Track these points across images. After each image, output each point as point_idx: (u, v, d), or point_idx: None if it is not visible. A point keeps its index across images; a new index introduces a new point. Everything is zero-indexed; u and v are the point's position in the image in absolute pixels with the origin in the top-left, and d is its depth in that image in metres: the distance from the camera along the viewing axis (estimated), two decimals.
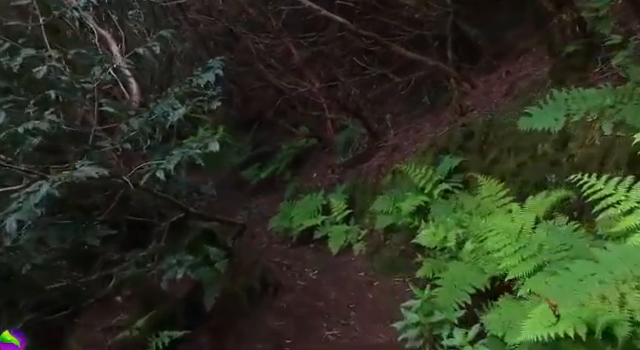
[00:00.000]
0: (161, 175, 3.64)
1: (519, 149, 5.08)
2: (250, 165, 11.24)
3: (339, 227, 7.65)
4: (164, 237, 4.37)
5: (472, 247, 4.57)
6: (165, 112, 4.03)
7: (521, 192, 4.94)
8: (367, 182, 7.80)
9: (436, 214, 5.47)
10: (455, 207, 5.35)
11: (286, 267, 7.52)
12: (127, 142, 3.89)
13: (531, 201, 4.38)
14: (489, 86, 6.71)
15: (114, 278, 3.92)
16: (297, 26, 10.08)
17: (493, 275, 4.19)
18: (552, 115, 3.59)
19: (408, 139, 7.65)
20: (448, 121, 6.83)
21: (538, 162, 4.75)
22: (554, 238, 3.46)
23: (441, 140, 6.41)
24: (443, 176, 6.07)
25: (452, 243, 4.64)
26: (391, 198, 6.66)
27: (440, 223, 5.00)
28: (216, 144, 3.95)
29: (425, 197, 5.96)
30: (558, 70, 5.13)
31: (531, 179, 4.81)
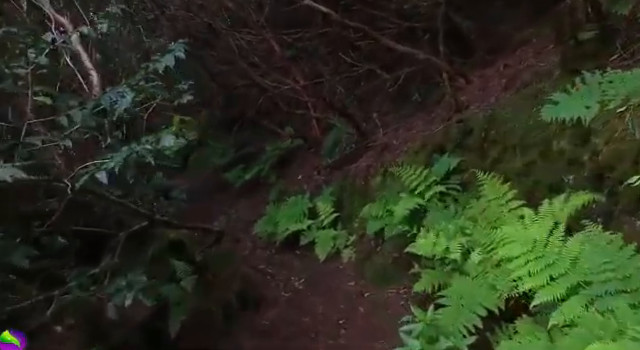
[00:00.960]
0: (102, 177, 2.79)
1: (527, 146, 4.31)
2: (233, 167, 10.36)
3: (326, 232, 6.84)
4: (118, 251, 3.52)
5: (479, 258, 3.79)
6: (113, 101, 3.17)
7: (531, 195, 4.17)
8: (355, 184, 6.99)
9: (434, 220, 4.68)
10: (456, 212, 4.56)
11: (270, 276, 6.68)
12: (68, 138, 3.02)
13: (548, 206, 3.60)
14: (485, 80, 5.95)
15: (54, 303, 3.06)
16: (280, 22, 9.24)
17: (507, 292, 3.41)
18: (583, 102, 2.82)
19: (398, 138, 6.86)
20: (442, 118, 6.05)
21: (552, 160, 3.99)
22: (594, 254, 2.67)
23: (436, 138, 5.63)
24: (439, 177, 5.28)
25: (456, 255, 3.85)
26: (382, 202, 5.86)
27: (440, 231, 4.20)
28: (170, 138, 3.10)
29: (420, 200, 5.16)
30: (569, 59, 4.37)
31: (543, 180, 4.04)
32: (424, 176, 5.36)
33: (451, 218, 4.47)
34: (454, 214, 4.52)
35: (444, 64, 6.27)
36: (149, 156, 2.93)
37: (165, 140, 3.03)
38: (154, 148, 3.01)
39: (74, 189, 2.88)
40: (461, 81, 6.14)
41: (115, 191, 3.61)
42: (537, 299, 2.74)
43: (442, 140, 5.51)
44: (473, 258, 3.78)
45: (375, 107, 8.21)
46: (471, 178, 5.07)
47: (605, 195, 3.35)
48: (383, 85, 7.69)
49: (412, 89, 7.41)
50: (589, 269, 2.59)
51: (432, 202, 5.18)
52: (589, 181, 3.54)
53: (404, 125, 7.09)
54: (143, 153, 2.91)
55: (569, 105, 2.86)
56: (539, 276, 2.89)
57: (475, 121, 5.12)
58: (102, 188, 3.62)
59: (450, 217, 4.64)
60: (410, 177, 5.43)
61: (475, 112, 5.24)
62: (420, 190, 5.29)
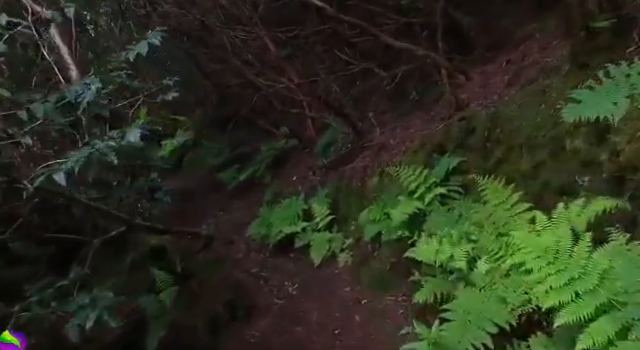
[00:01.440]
0: (60, 178, 2.37)
1: (535, 146, 3.91)
2: (228, 167, 9.94)
3: (321, 235, 6.42)
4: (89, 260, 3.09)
5: (487, 267, 3.38)
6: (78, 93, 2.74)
7: (540, 198, 3.78)
8: (351, 185, 6.58)
9: (435, 225, 4.27)
10: (460, 216, 4.15)
11: (263, 280, 6.27)
12: (27, 134, 2.60)
13: (563, 211, 3.20)
14: (486, 77, 5.55)
15: (12, 319, 2.63)
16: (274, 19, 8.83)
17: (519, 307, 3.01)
18: (609, 98, 2.43)
19: (395, 138, 6.45)
20: (441, 117, 5.64)
21: (563, 161, 3.59)
22: (628, 270, 2.26)
23: (435, 137, 5.22)
24: (439, 178, 4.88)
25: (462, 263, 3.44)
26: (379, 205, 5.45)
27: (443, 237, 3.79)
28: (136, 133, 2.66)
29: (419, 203, 4.75)
30: (579, 53, 3.96)
31: (553, 182, 3.64)
32: (423, 177, 4.96)
33: (454, 223, 4.06)
34: (457, 218, 4.11)
35: (443, 60, 5.87)
36: (111, 154, 2.50)
37: (130, 135, 2.60)
38: (118, 145, 2.57)
39: (36, 190, 2.45)
40: (461, 78, 5.74)
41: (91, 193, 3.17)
42: (561, 318, 2.33)
43: (442, 139, 5.10)
44: (480, 267, 3.38)
45: (371, 106, 7.80)
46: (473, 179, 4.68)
47: (627, 199, 2.94)
48: (380, 83, 7.28)
49: (409, 87, 7.01)
50: (622, 288, 2.19)
51: (432, 205, 4.78)
52: (608, 183, 3.15)
53: (401, 124, 6.68)
54: (105, 151, 2.48)
55: (594, 102, 2.47)
56: (562, 292, 2.49)
57: (477, 119, 4.72)
58: (77, 190, 3.18)
59: (453, 222, 4.23)
60: (409, 179, 5.03)
61: (477, 110, 4.84)
62: (419, 193, 4.88)
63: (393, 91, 7.25)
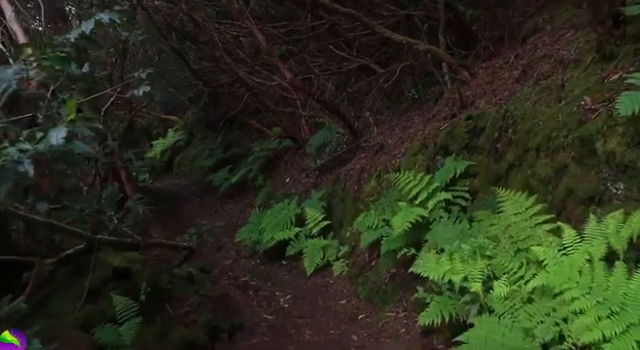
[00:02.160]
0: None
1: (556, 148, 3.33)
2: (220, 168, 9.35)
3: (315, 241, 5.83)
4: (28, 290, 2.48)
5: (506, 290, 2.78)
6: None
7: (562, 208, 3.19)
8: (347, 188, 5.99)
9: (441, 236, 3.68)
10: (470, 227, 3.55)
11: (253, 290, 5.67)
12: None
13: (596, 224, 2.62)
14: (492, 73, 4.96)
15: None
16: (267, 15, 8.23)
17: (549, 342, 2.43)
18: None
19: (394, 138, 5.86)
20: (444, 115, 5.05)
21: (591, 165, 3.01)
22: None
23: (439, 138, 4.63)
24: (443, 183, 4.29)
25: (477, 286, 2.85)
26: (377, 211, 4.86)
27: (454, 252, 3.20)
28: (61, 133, 2.02)
29: (422, 210, 4.16)
30: (605, 43, 3.38)
31: (579, 190, 3.06)
32: (426, 182, 4.37)
33: (464, 235, 3.46)
34: (468, 230, 3.51)
35: (446, 55, 5.28)
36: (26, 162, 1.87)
37: (53, 137, 1.96)
38: (34, 149, 1.94)
39: None
40: (465, 74, 5.15)
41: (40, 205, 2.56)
42: None
43: (446, 140, 4.51)
44: (498, 290, 2.79)
45: (368, 104, 7.22)
46: (482, 184, 4.10)
47: None
48: (377, 81, 6.69)
49: (408, 85, 6.43)
50: None
51: (436, 212, 4.19)
52: None
53: (400, 124, 6.10)
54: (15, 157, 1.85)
55: None
56: (604, 326, 1.92)
57: (486, 118, 4.13)
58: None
59: (459, 232, 3.65)
60: (409, 183, 4.45)
61: (485, 108, 4.24)
62: (422, 198, 4.29)
63: (391, 89, 6.67)
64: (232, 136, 9.82)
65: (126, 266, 3.17)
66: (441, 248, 3.47)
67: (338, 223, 5.97)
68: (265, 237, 6.30)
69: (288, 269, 6.12)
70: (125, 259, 3.24)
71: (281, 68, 6.34)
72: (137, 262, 3.34)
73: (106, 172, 6.68)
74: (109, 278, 3.04)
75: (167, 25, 7.58)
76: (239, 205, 8.80)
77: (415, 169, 4.78)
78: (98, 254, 3.07)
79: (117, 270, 3.10)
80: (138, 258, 3.44)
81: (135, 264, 3.29)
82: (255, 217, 6.91)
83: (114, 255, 3.23)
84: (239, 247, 7.01)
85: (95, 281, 2.89)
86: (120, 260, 3.18)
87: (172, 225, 8.49)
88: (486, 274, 2.97)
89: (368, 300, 4.82)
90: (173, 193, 10.24)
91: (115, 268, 3.10)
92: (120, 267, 3.14)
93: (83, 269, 2.90)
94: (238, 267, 6.62)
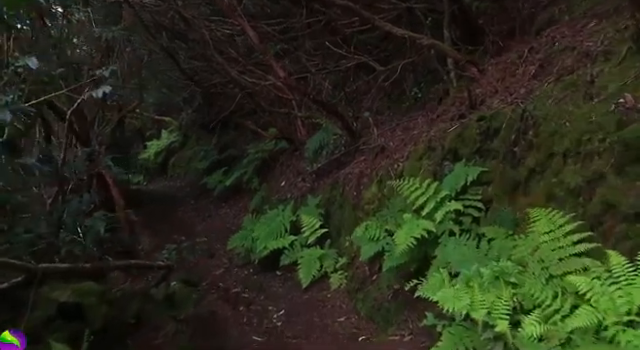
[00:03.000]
0: None
1: (589, 153, 2.75)
2: (214, 170, 8.76)
3: (311, 251, 5.26)
4: None
5: (538, 330, 2.20)
6: None
7: (598, 224, 2.62)
8: (345, 194, 5.40)
9: (453, 256, 3.10)
10: (489, 247, 2.97)
11: (244, 305, 5.09)
12: None
13: None
14: (503, 69, 4.38)
15: None
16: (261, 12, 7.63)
17: None
18: None
19: (395, 140, 5.28)
20: (451, 116, 4.48)
21: (637, 175, 2.42)
22: None
23: (446, 141, 4.05)
24: (452, 191, 3.70)
25: (503, 324, 2.27)
26: (379, 221, 4.28)
27: (471, 278, 2.62)
28: None
29: (429, 223, 3.58)
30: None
31: (622, 204, 2.48)
32: (433, 190, 3.78)
33: (481, 255, 2.88)
34: (486, 249, 2.93)
35: (452, 50, 4.69)
36: None
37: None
38: None
39: None
40: (473, 71, 4.56)
41: None
42: None
43: (455, 143, 3.93)
44: (528, 328, 2.22)
45: (367, 104, 6.63)
46: (497, 193, 3.52)
47: None
48: (376, 79, 6.09)
49: (410, 83, 5.84)
50: None
51: (445, 224, 3.60)
52: None
53: (402, 125, 5.51)
54: None
55: None
56: None
57: (501, 119, 3.55)
58: None
59: (474, 251, 3.07)
60: (415, 192, 3.86)
61: (500, 107, 3.66)
62: (429, 209, 3.71)
63: (391, 88, 6.08)
64: (227, 137, 9.24)
65: (76, 301, 2.57)
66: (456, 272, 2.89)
67: (336, 231, 5.39)
68: (258, 246, 5.72)
69: (282, 280, 5.54)
70: (76, 292, 2.63)
71: (274, 66, 5.74)
72: (92, 294, 2.72)
73: (90, 177, 6.11)
74: (53, 317, 2.44)
75: (155, 23, 6.98)
76: (233, 209, 8.23)
77: (420, 175, 4.20)
78: (40, 288, 2.45)
79: (64, 307, 2.49)
80: (94, 289, 2.81)
81: (88, 297, 2.68)
82: (248, 223, 6.33)
83: (62, 288, 2.61)
84: (232, 255, 6.44)
85: (34, 322, 2.29)
86: (69, 294, 2.56)
87: (164, 230, 7.91)
88: (512, 306, 2.39)
89: (369, 318, 4.25)
90: (167, 196, 9.66)
91: (61, 304, 2.49)
92: (68, 303, 2.53)
93: (21, 307, 2.31)
94: (230, 277, 6.04)
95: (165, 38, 7.19)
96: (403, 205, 4.06)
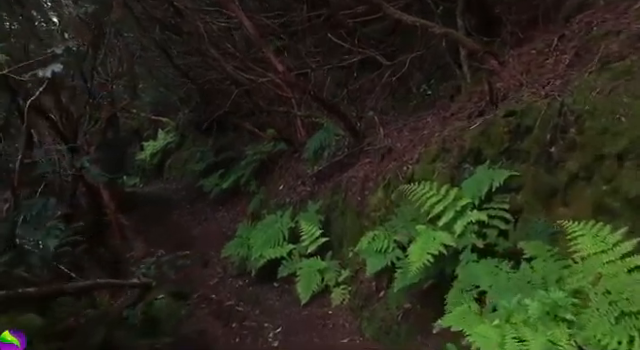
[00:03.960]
0: None
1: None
2: (211, 172, 8.13)
3: (311, 262, 4.63)
4: None
5: None
6: None
7: None
8: (348, 199, 4.77)
9: (485, 282, 2.48)
10: (531, 273, 2.32)
11: (237, 321, 4.49)
12: None
13: None
14: (528, 61, 3.76)
15: None
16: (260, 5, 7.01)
17: None
18: None
19: (403, 140, 4.66)
20: (468, 113, 3.87)
21: None
22: None
23: (467, 140, 3.42)
24: (475, 199, 3.08)
25: None
26: (387, 230, 3.65)
27: (512, 313, 1.99)
28: None
29: (447, 237, 2.96)
30: None
31: None
32: (452, 197, 3.16)
33: (520, 280, 2.25)
34: (528, 275, 2.29)
35: (468, 40, 4.07)
36: None
37: None
38: None
39: None
40: (492, 63, 3.93)
41: None
42: None
43: (478, 143, 3.31)
44: None
45: (371, 104, 6.00)
46: (529, 201, 2.89)
47: None
48: (381, 77, 5.47)
49: (417, 80, 5.22)
50: None
51: (466, 238, 2.98)
52: None
53: (410, 124, 4.89)
54: None
55: None
56: None
57: (534, 114, 2.92)
58: None
59: (510, 274, 2.44)
60: (430, 198, 3.23)
61: (531, 101, 3.03)
62: (447, 219, 3.08)
63: (397, 85, 5.46)
64: (225, 139, 8.61)
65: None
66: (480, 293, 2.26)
67: (338, 240, 4.76)
68: (254, 254, 5.09)
69: (280, 292, 4.92)
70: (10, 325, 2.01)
71: (273, 60, 5.13)
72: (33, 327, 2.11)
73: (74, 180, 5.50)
74: None
75: (147, 15, 6.36)
76: (230, 213, 7.60)
77: (434, 179, 3.58)
78: None
79: None
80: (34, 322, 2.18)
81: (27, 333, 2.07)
82: (244, 230, 5.70)
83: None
84: (226, 263, 5.81)
85: None
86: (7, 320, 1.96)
87: (158, 234, 7.30)
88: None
89: (376, 341, 3.64)
90: (162, 198, 9.03)
91: None
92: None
93: None
94: (224, 288, 5.42)
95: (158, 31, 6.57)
96: (415, 214, 3.44)
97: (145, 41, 6.69)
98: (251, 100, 6.91)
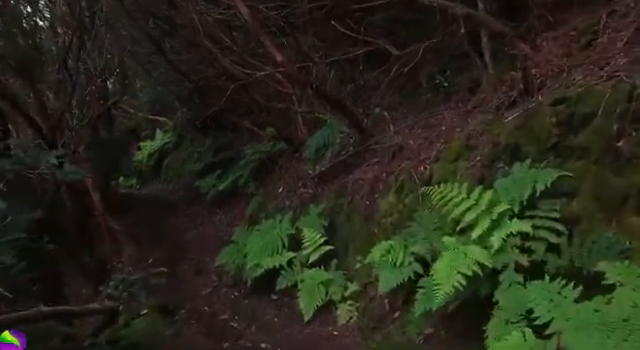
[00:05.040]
0: None
1: None
2: (208, 173, 7.44)
3: (314, 273, 3.94)
4: None
5: None
6: None
7: None
8: (355, 203, 4.09)
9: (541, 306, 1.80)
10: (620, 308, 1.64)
11: (232, 339, 3.79)
12: None
13: None
14: (567, 43, 3.10)
15: None
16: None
17: None
18: None
19: (416, 138, 3.99)
20: (496, 105, 3.21)
21: None
22: None
23: (502, 135, 2.74)
24: (515, 205, 2.40)
25: None
26: (403, 241, 2.98)
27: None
28: None
29: (481, 254, 2.28)
30: None
31: None
32: (486, 202, 2.48)
33: (605, 316, 1.57)
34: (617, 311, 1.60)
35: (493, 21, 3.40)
36: None
37: None
38: None
39: None
40: (523, 48, 3.25)
41: None
42: None
43: (514, 138, 2.64)
44: None
45: (376, 100, 5.31)
46: (588, 208, 2.21)
47: None
48: (389, 70, 4.78)
49: (431, 71, 4.54)
50: None
51: (506, 254, 2.30)
52: None
53: (422, 120, 4.22)
54: None
55: None
56: None
57: (595, 100, 2.24)
58: None
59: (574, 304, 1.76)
60: (459, 205, 2.56)
61: (589, 84, 2.35)
62: (481, 231, 2.40)
63: (408, 78, 4.78)
64: (224, 138, 7.93)
65: None
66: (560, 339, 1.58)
67: (343, 248, 4.07)
68: (250, 262, 4.39)
69: (279, 306, 4.23)
70: None
71: (271, 49, 4.45)
72: None
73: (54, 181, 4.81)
74: None
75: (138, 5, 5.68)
76: (228, 215, 6.91)
77: (456, 180, 2.90)
78: None
79: None
80: None
81: None
82: (241, 235, 5.01)
83: None
84: (221, 271, 5.12)
85: None
86: None
87: (151, 238, 6.63)
88: None
89: None
90: (159, 200, 8.34)
91: None
92: None
93: None
94: (218, 299, 4.74)
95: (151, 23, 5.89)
96: (440, 221, 2.77)
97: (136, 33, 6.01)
98: (249, 96, 6.23)
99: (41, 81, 4.79)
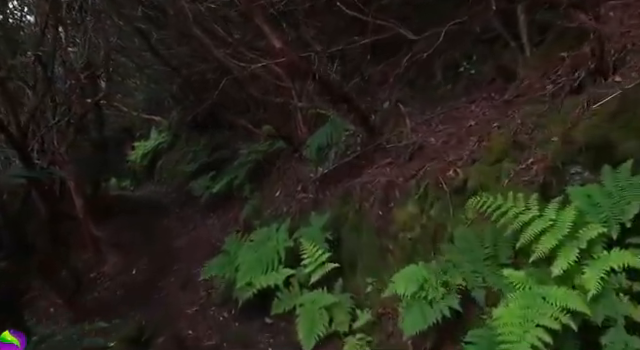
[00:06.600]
0: None
1: None
2: (202, 174, 6.54)
3: (315, 296, 3.06)
4: None
5: None
6: None
7: None
8: (364, 212, 3.20)
9: None
10: None
11: None
12: None
13: None
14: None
15: None
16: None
17: None
18: None
19: (438, 135, 3.13)
20: (552, 92, 2.32)
21: None
22: None
23: (575, 129, 1.86)
24: (611, 227, 1.51)
25: None
26: (437, 267, 2.09)
27: None
28: None
29: (574, 299, 1.39)
30: None
31: None
32: (569, 223, 1.59)
33: None
34: None
35: None
36: None
37: None
38: None
39: None
40: (583, 19, 2.38)
41: None
42: None
43: (598, 133, 1.74)
44: None
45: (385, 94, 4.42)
46: None
47: None
48: (406, 53, 3.88)
49: (454, 57, 3.65)
50: None
51: (609, 300, 1.42)
52: None
53: (443, 114, 3.34)
54: None
55: None
56: None
57: None
58: None
59: None
60: (529, 223, 1.67)
61: None
62: (565, 265, 1.51)
63: (423, 66, 3.88)
64: (220, 137, 7.03)
65: None
66: None
67: (350, 266, 3.19)
68: (242, 279, 3.49)
69: (274, 333, 3.33)
70: None
71: (268, 34, 3.56)
72: None
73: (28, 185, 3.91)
74: None
75: None
76: (222, 220, 6.00)
77: (502, 190, 2.03)
78: None
79: None
80: None
81: None
82: (232, 245, 4.10)
83: None
84: (210, 285, 4.23)
85: None
86: None
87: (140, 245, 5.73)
88: None
89: None
90: (151, 202, 7.42)
91: None
92: None
93: None
94: (204, 320, 3.83)
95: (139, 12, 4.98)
96: (493, 249, 1.88)
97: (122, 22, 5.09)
98: (245, 92, 5.34)
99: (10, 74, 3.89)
